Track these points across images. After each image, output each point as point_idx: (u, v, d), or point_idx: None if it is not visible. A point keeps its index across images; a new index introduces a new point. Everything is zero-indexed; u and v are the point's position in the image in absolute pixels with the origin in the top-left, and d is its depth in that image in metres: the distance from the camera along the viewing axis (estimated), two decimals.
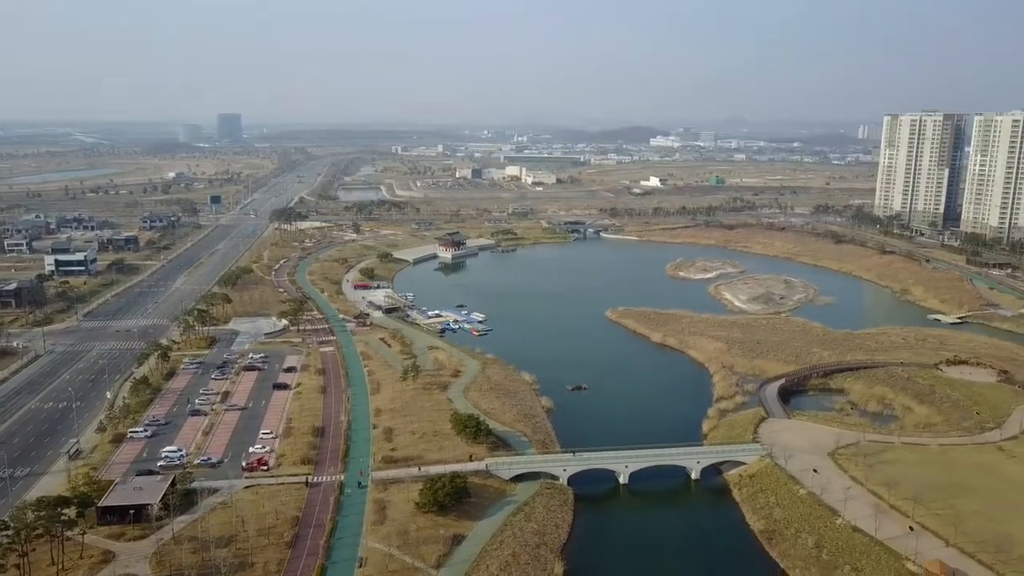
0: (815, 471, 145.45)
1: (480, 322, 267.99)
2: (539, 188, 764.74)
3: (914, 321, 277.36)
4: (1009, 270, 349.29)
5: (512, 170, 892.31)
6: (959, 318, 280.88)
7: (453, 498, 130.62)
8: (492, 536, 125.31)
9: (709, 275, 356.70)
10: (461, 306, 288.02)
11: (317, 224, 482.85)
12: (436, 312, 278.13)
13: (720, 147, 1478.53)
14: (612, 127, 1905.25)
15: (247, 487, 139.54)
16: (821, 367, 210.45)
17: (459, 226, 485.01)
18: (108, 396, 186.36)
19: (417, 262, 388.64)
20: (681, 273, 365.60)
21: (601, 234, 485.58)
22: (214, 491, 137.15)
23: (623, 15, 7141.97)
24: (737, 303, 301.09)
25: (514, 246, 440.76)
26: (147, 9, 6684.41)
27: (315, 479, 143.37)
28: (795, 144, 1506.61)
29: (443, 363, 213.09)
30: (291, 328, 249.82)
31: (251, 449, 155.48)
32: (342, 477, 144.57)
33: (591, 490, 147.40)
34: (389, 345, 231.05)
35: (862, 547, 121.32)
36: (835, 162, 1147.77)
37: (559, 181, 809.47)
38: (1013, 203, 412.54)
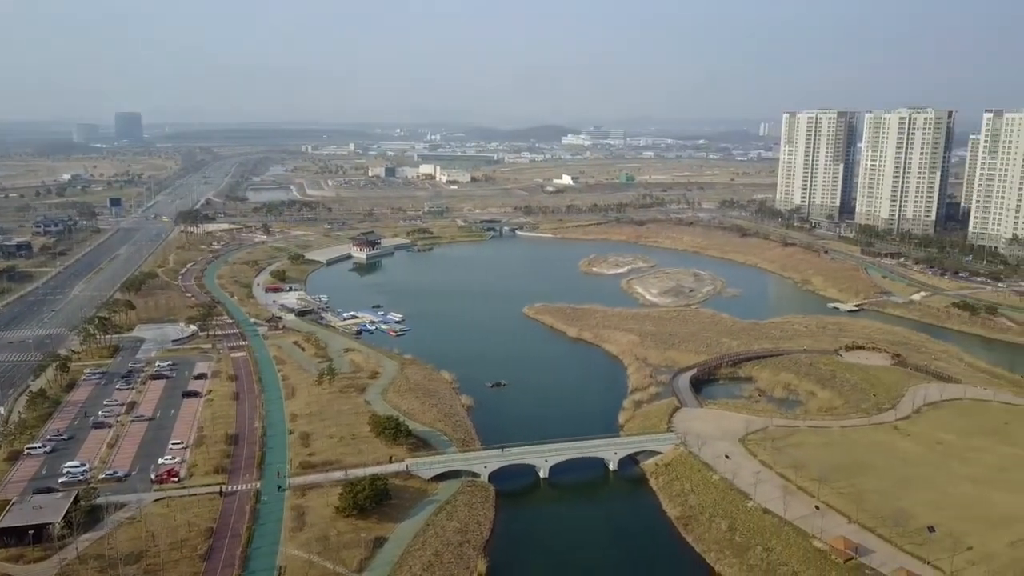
0: (727, 457, 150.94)
1: (398, 322, 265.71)
2: (454, 187, 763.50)
3: (815, 310, 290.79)
4: (900, 259, 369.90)
5: (426, 168, 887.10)
6: (855, 306, 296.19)
7: (374, 501, 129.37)
8: (414, 537, 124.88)
9: (621, 270, 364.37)
10: (378, 307, 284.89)
11: (225, 226, 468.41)
12: (352, 313, 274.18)
13: (629, 144, 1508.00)
14: (524, 125, 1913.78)
15: (157, 500, 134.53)
16: (730, 356, 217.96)
17: (373, 225, 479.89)
18: (2, 411, 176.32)
19: (331, 263, 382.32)
20: (595, 269, 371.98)
21: (516, 232, 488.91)
22: (121, 506, 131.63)
23: (533, 14, 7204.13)
24: (649, 296, 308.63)
25: (430, 245, 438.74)
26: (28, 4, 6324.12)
27: (230, 488, 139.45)
28: (701, 141, 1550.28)
29: (360, 365, 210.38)
30: (200, 334, 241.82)
31: (160, 460, 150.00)
32: (258, 485, 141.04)
33: (512, 485, 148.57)
34: (303, 348, 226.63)
35: (772, 528, 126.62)
36: (739, 158, 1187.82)
37: (474, 179, 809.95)
38: (901, 196, 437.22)
